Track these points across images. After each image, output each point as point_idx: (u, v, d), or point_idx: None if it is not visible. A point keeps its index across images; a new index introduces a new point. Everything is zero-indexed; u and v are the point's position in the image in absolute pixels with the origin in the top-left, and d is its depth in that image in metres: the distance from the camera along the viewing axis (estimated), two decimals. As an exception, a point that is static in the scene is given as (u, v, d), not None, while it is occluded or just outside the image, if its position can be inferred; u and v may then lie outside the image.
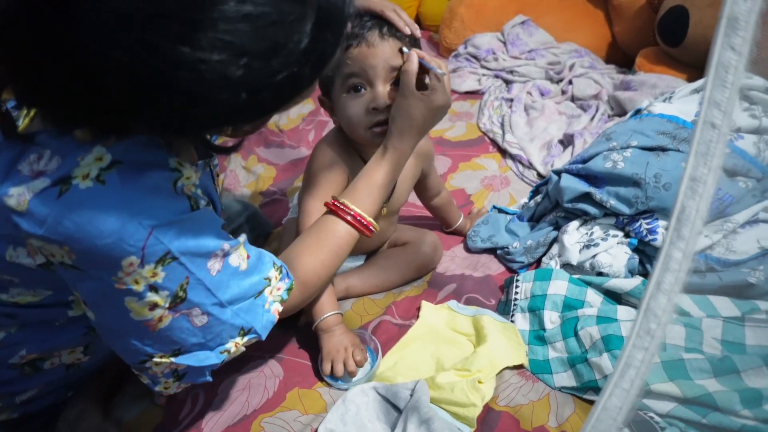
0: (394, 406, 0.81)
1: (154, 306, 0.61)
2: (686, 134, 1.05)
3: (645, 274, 1.02)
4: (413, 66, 0.81)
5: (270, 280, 0.72)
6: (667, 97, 1.25)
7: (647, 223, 1.00)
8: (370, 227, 0.83)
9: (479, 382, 0.83)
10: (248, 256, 0.70)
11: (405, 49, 0.84)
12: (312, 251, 0.80)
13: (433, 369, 0.90)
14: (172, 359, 0.66)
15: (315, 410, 0.83)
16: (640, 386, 0.42)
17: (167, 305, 0.62)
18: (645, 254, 1.02)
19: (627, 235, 1.04)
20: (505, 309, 1.00)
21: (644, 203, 0.99)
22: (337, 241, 0.81)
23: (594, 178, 1.06)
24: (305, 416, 0.82)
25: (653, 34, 1.70)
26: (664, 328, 0.41)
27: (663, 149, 1.03)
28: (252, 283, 0.69)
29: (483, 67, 1.95)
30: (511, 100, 1.72)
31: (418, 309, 1.01)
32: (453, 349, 0.93)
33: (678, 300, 0.96)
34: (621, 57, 1.95)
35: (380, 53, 0.84)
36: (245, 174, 1.52)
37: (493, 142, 1.58)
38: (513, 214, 1.22)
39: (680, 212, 0.40)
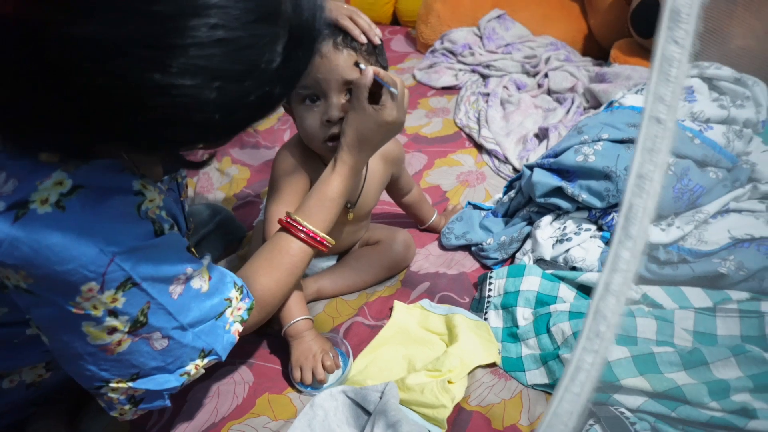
0: (364, 410, 0.80)
1: (113, 330, 0.60)
2: (656, 126, 1.04)
3: (618, 268, 1.02)
4: (366, 80, 0.79)
5: (231, 301, 0.72)
6: (640, 88, 1.25)
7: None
8: (324, 242, 0.83)
9: (449, 382, 0.82)
10: (210, 278, 0.69)
11: (362, 66, 0.81)
12: (267, 271, 0.80)
13: (404, 370, 0.89)
14: (130, 384, 0.65)
15: (285, 416, 0.82)
16: (591, 390, 0.41)
17: (127, 329, 0.61)
18: (618, 248, 1.02)
19: (600, 229, 1.04)
20: (478, 306, 0.99)
21: (615, 196, 0.99)
22: (291, 259, 0.81)
23: (566, 172, 1.05)
24: (274, 422, 0.81)
25: (627, 25, 1.70)
26: (614, 329, 0.40)
27: (633, 141, 1.03)
28: (213, 305, 0.69)
29: (460, 62, 1.93)
30: (488, 94, 1.71)
31: (391, 309, 1.00)
32: (425, 350, 0.92)
33: (651, 293, 0.96)
34: (597, 49, 1.95)
35: (334, 65, 0.81)
36: (218, 176, 1.50)
37: (470, 138, 1.57)
38: (488, 209, 1.21)
39: (628, 210, 0.39)
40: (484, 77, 1.85)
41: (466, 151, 1.51)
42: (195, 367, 0.69)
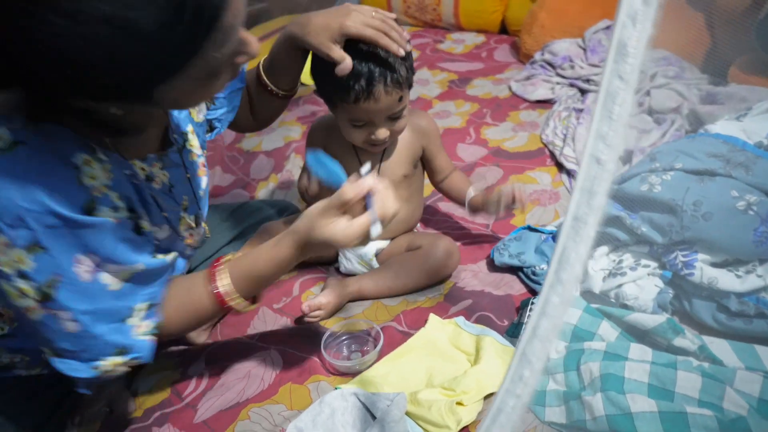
0: (372, 415, 0.82)
1: (23, 294, 0.61)
2: (743, 158, 0.92)
3: (680, 312, 0.92)
4: (352, 194, 0.71)
5: (133, 311, 0.69)
6: (742, 113, 1.11)
7: (684, 256, 0.91)
8: (230, 307, 0.78)
9: (459, 404, 0.81)
10: (127, 281, 0.68)
11: (363, 170, 0.75)
12: (179, 311, 0.76)
13: (423, 383, 0.89)
14: (48, 357, 0.66)
15: (299, 406, 0.86)
16: (513, 433, 0.39)
17: (36, 298, 0.61)
18: (682, 289, 0.92)
19: (663, 267, 0.95)
20: (514, 332, 0.96)
21: (679, 233, 0.89)
22: (200, 309, 0.77)
23: (629, 201, 0.97)
24: (289, 411, 0.86)
25: (752, 38, 1.50)
26: (538, 375, 0.38)
27: (712, 173, 0.92)
28: (119, 307, 0.68)
29: (558, 75, 1.85)
30: (582, 110, 1.62)
31: (426, 321, 1.00)
32: (448, 366, 0.91)
33: (713, 345, 0.86)
34: (719, 66, 1.75)
35: (383, 106, 0.93)
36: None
37: (552, 155, 1.50)
38: (548, 233, 1.15)
39: (561, 254, 0.37)
40: (583, 92, 1.75)
41: (545, 169, 1.45)
42: (112, 363, 0.67)
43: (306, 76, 1.38)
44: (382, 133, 0.98)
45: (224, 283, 0.76)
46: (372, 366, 0.92)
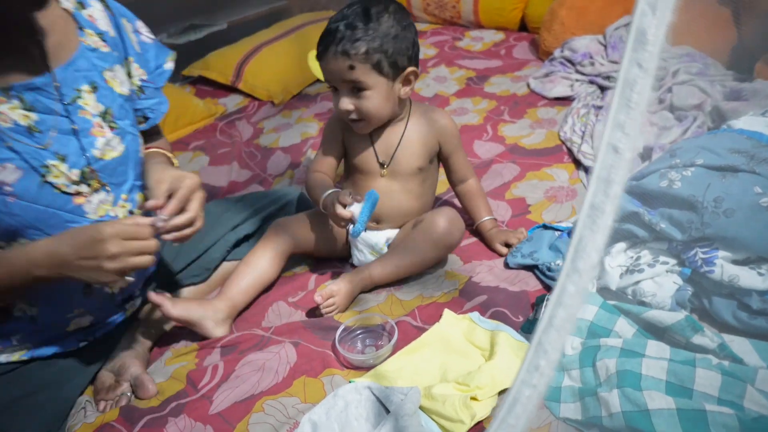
0: (386, 409, 0.82)
1: None
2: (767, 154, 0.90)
3: (700, 309, 0.91)
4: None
5: None
6: (767, 110, 1.09)
7: (704, 253, 0.89)
8: None
9: (473, 399, 0.81)
10: None
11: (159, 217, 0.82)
12: None
13: (437, 378, 0.89)
14: None
15: (313, 400, 0.87)
16: (527, 424, 0.39)
17: None
18: (702, 287, 0.91)
19: (682, 264, 0.93)
20: (529, 328, 0.95)
21: (699, 229, 0.88)
22: None
23: (648, 197, 0.96)
24: (303, 404, 0.86)
25: (781, 36, 1.47)
26: (554, 366, 0.38)
27: (734, 170, 0.91)
28: None
29: (578, 71, 1.83)
30: (601, 107, 1.60)
31: (441, 316, 1.00)
32: (462, 361, 0.91)
33: (734, 344, 0.84)
34: (746, 62, 1.71)
35: (331, 68, 1.01)
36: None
37: (570, 152, 1.49)
38: (563, 230, 1.14)
39: (577, 243, 0.37)
40: (602, 89, 1.73)
41: (562, 166, 1.43)
42: None
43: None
44: (343, 103, 1.02)
45: None
46: (386, 360, 0.92)
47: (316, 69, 1.40)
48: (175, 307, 0.97)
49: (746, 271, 0.88)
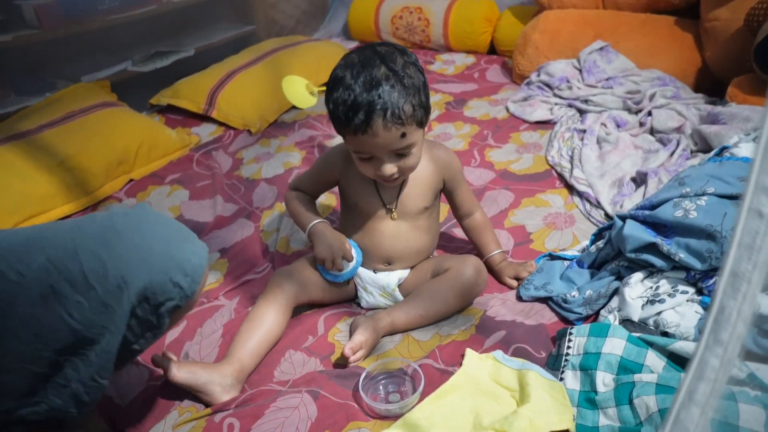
0: (424, 463, 0.78)
1: None
2: (774, 182, 0.93)
3: (720, 337, 0.92)
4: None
5: None
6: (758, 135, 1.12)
7: (723, 281, 0.90)
8: None
9: (516, 446, 0.78)
10: None
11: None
12: None
13: (470, 424, 0.85)
14: None
15: (344, 457, 0.81)
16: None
17: None
18: (721, 314, 0.92)
19: (699, 292, 0.94)
20: (555, 364, 0.93)
21: (719, 258, 0.89)
22: None
23: (662, 227, 0.97)
24: (333, 463, 0.81)
25: (750, 59, 1.55)
26: (696, 444, 0.36)
27: (745, 198, 0.93)
28: None
29: (556, 95, 1.87)
30: (584, 131, 1.63)
31: (463, 356, 0.96)
32: (494, 405, 0.87)
33: (762, 373, 0.85)
34: (712, 85, 1.79)
35: (382, 142, 0.91)
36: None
37: (561, 177, 1.50)
38: (570, 259, 1.14)
39: (718, 313, 0.35)
40: (581, 112, 1.77)
41: (555, 191, 1.44)
42: None
43: (301, 101, 1.35)
44: (388, 169, 0.94)
45: None
46: (414, 407, 0.88)
47: (292, 95, 1.35)
48: (180, 371, 0.89)
49: (765, 298, 0.90)
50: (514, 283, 1.12)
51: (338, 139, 1.83)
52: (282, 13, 2.67)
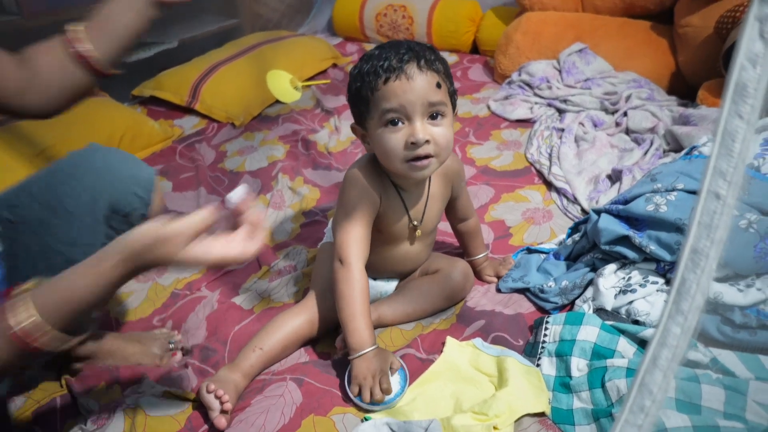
0: (407, 444, 0.80)
1: None
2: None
3: (687, 325, 0.97)
4: (217, 214, 0.67)
5: None
6: (726, 136, 1.18)
7: (691, 272, 0.95)
8: (37, 348, 0.60)
9: (495, 428, 0.81)
10: None
11: (233, 197, 0.69)
12: None
13: (451, 408, 0.88)
14: None
15: (327, 440, 0.84)
16: (631, 465, 0.40)
17: None
18: (688, 304, 0.96)
19: (668, 283, 0.99)
20: (532, 351, 0.97)
21: (687, 251, 0.94)
22: None
23: (635, 221, 1.01)
24: (317, 445, 0.83)
25: (719, 64, 1.61)
26: (660, 405, 0.39)
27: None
28: None
29: (536, 95, 1.91)
30: (562, 130, 1.68)
31: (444, 344, 0.99)
32: (473, 390, 0.91)
33: (723, 358, 0.90)
34: (684, 88, 1.86)
35: (418, 87, 0.83)
36: (291, 194, 1.56)
37: (540, 174, 1.54)
38: (547, 252, 1.18)
39: (680, 285, 0.38)
40: (560, 112, 1.82)
41: (534, 188, 1.49)
42: None
43: (285, 95, 1.36)
44: (421, 130, 0.83)
45: (23, 317, 0.59)
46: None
47: (276, 90, 1.36)
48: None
49: (728, 288, 0.95)
50: (494, 279, 1.15)
51: (323, 134, 1.86)
52: (267, 7, 2.68)
